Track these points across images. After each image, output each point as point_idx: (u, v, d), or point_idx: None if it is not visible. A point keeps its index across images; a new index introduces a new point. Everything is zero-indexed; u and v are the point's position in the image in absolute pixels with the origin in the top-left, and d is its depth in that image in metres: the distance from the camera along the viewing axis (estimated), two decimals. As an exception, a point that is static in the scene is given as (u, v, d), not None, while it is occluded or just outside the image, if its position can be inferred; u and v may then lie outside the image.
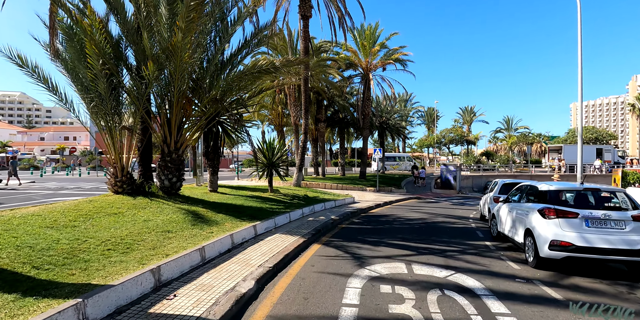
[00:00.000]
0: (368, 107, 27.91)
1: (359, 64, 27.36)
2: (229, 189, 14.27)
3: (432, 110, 60.46)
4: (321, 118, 27.81)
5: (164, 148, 10.00)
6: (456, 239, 8.96)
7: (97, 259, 4.77)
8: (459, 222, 12.32)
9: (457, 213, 15.14)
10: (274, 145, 14.27)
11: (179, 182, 10.11)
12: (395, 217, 13.03)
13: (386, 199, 18.74)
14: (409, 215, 13.42)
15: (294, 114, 23.16)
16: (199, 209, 8.91)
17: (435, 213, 14.60)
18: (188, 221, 7.61)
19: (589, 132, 50.68)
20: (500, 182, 11.05)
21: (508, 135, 56.57)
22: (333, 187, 22.55)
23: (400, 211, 14.68)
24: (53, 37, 9.38)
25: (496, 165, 42.64)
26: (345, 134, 33.71)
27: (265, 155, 14.18)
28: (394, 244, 8.07)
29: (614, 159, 42.68)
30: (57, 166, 47.10)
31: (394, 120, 36.99)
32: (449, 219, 13.05)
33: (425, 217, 13.04)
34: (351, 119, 30.88)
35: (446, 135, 47.58)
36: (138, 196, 9.43)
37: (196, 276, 4.96)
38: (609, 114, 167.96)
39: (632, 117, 57.73)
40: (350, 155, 59.62)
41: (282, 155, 14.51)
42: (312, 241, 8.16)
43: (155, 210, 8.17)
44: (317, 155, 29.69)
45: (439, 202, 20.57)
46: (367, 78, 27.15)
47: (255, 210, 10.02)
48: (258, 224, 8.28)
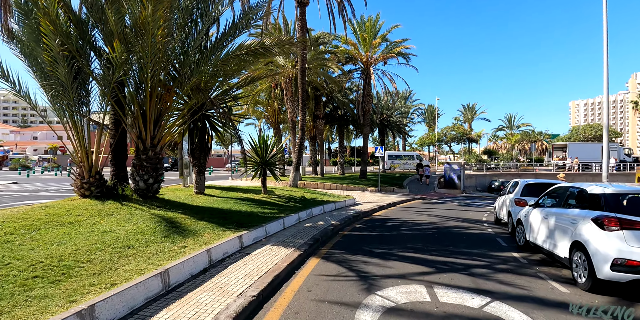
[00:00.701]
0: (369, 103, 26.61)
1: (359, 58, 26.03)
2: (219, 191, 12.96)
3: (432, 108, 59.24)
4: (319, 115, 26.51)
5: (138, 144, 8.68)
6: (477, 249, 7.69)
7: (10, 293, 3.46)
8: (473, 226, 11.06)
9: (467, 216, 13.88)
10: (268, 143, 12.97)
11: (157, 184, 8.80)
12: (402, 221, 11.75)
13: (389, 200, 17.47)
14: (417, 219, 12.14)
15: (290, 110, 21.83)
16: (176, 216, 7.60)
17: (444, 216, 13.33)
18: (159, 232, 6.30)
19: (594, 129, 49.55)
20: (522, 182, 9.79)
21: (510, 133, 55.38)
22: (332, 188, 21.27)
23: (406, 214, 13.41)
24: (7, 15, 8.06)
25: (499, 164, 41.45)
26: (345, 132, 32.42)
27: (258, 153, 12.87)
28: (407, 257, 6.78)
29: (620, 157, 41.52)
30: (47, 166, 45.69)
31: (395, 118, 35.69)
32: (461, 222, 11.79)
33: (434, 221, 11.77)
34: (351, 116, 29.60)
35: (448, 133, 46.34)
36: (108, 200, 8.12)
37: (149, 315, 3.65)
38: (609, 112, 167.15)
39: (634, 114, 56.70)
40: (350, 154, 58.37)
41: (276, 153, 13.21)
42: (310, 254, 6.87)
43: (122, 218, 6.85)
44: (315, 154, 28.39)
45: (444, 203, 19.33)
46: (368, 72, 25.83)
47: (244, 216, 8.71)
48: (245, 233, 6.97)
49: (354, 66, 26.91)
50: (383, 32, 24.40)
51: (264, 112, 26.36)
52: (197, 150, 11.45)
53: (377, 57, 25.92)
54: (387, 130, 35.80)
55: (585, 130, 50.04)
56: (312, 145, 28.92)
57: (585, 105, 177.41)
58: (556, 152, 43.99)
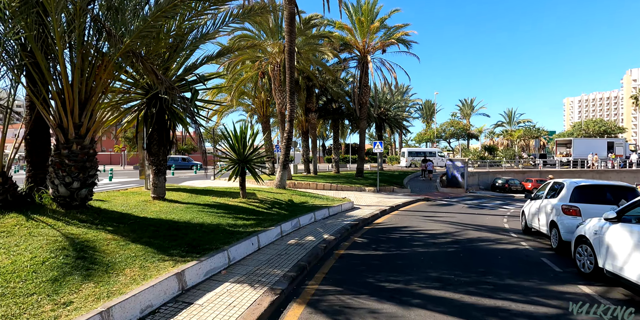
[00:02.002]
0: (366, 94, 24.32)
1: (355, 46, 23.70)
2: (187, 195, 10.61)
3: (430, 103, 57.13)
4: (312, 108, 24.18)
5: (58, 136, 6.31)
6: (528, 280, 5.48)
7: None
8: (501, 239, 8.87)
9: (485, 221, 11.72)
10: (246, 135, 10.65)
11: (85, 189, 6.43)
12: (412, 231, 9.52)
13: (391, 201, 15.26)
14: (429, 228, 9.91)
15: (279, 101, 19.50)
16: (99, 237, 5.26)
17: (459, 222, 11.15)
18: (49, 269, 3.98)
19: (597, 124, 47.74)
20: (570, 184, 7.59)
21: (510, 129, 53.45)
22: (326, 188, 19.00)
23: (413, 220, 11.19)
24: None
25: (502, 161, 39.53)
26: (340, 127, 30.13)
27: (234, 148, 10.55)
28: (434, 300, 4.54)
29: (626, 153, 39.85)
30: (24, 165, 42.90)
31: (394, 112, 33.40)
32: (483, 232, 9.60)
33: (451, 231, 9.56)
34: (346, 109, 27.29)
35: (447, 129, 44.29)
36: (11, 213, 5.77)
37: None
38: (602, 109, 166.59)
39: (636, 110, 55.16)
40: (344, 151, 56.13)
41: (258, 148, 10.89)
42: (290, 296, 4.60)
43: (10, 243, 4.52)
44: (307, 151, 26.10)
45: (451, 204, 17.18)
46: (365, 61, 23.53)
47: (203, 233, 6.39)
48: (191, 266, 4.65)
49: (350, 55, 24.62)
50: (382, 16, 22.05)
51: (251, 104, 23.97)
52: (155, 144, 9.08)
53: (375, 45, 23.61)
54: (385, 125, 33.51)
55: (588, 125, 48.25)
56: (304, 141, 26.60)
57: (580, 102, 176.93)
58: (559, 148, 42.24)
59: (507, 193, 27.96)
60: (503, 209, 16.54)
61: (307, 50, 18.40)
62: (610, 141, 40.44)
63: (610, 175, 35.86)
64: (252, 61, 19.54)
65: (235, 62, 17.80)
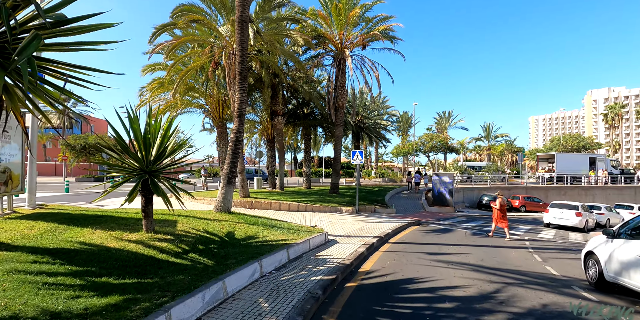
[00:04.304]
0: (342, 97, 20.76)
1: (331, 39, 20.26)
2: (49, 224, 6.26)
3: (407, 115, 54.71)
4: (278, 111, 20.26)
5: None
6: None
7: None
8: (581, 304, 5.13)
9: (515, 261, 8.08)
10: (156, 130, 6.51)
11: None
12: (428, 295, 5.61)
13: (376, 228, 11.41)
14: (451, 284, 6.04)
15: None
16: None
17: (485, 266, 7.41)
18: None
19: (576, 139, 46.79)
20: None
21: (489, 144, 51.73)
22: (292, 208, 14.91)
23: (419, 266, 7.31)
24: None
25: (485, 176, 37.01)
26: (312, 135, 26.30)
27: (133, 150, 6.38)
28: None
29: (608, 169, 38.51)
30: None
31: (373, 119, 29.95)
32: (534, 289, 5.88)
33: (489, 290, 5.76)
34: (320, 115, 23.58)
35: (426, 142, 41.62)
36: None
37: None
38: (565, 127, 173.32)
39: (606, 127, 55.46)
40: (317, 165, 52.30)
41: (173, 151, 6.74)
42: None
43: None
44: (272, 162, 21.99)
45: (450, 229, 13.57)
46: (342, 57, 20.07)
47: None
48: None
49: (325, 51, 21.11)
50: (364, 2, 18.70)
51: (204, 104, 19.76)
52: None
53: (354, 40, 20.27)
54: (364, 134, 29.98)
55: (567, 140, 47.18)
56: (269, 151, 22.51)
57: (544, 120, 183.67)
58: (541, 163, 40.46)
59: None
60: (514, 236, 13.09)
61: (271, 35, 14.59)
62: (593, 156, 39.07)
63: (595, 192, 34.07)
64: (201, 45, 15.50)
65: (174, 44, 13.68)
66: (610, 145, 64.78)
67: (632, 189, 34.76)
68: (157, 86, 17.08)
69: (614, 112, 54.73)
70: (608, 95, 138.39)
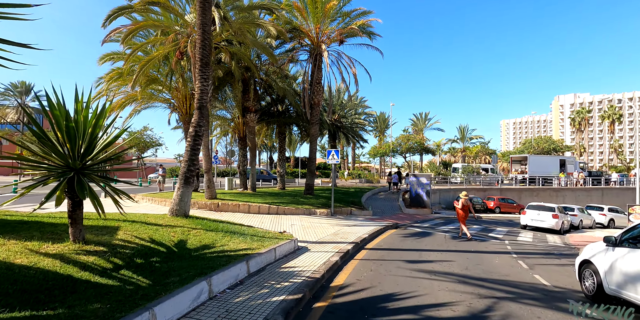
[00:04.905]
0: (318, 93, 19.87)
1: (307, 33, 19.33)
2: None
3: (384, 116, 54.55)
4: (250, 107, 19.12)
5: None
6: None
7: None
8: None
9: (501, 270, 7.39)
10: (86, 118, 5.34)
11: None
12: (410, 316, 4.76)
13: (352, 232, 10.56)
14: (435, 300, 5.22)
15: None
16: None
17: (470, 276, 6.67)
18: None
19: (546, 142, 48.08)
20: None
21: (464, 146, 52.32)
22: (263, 211, 13.84)
23: (399, 276, 6.48)
24: None
25: (461, 177, 37.08)
26: (287, 134, 25.23)
27: (48, 143, 5.19)
28: None
29: (577, 171, 39.60)
30: None
31: (350, 118, 29.18)
32: (528, 303, 5.15)
33: (479, 308, 4.98)
34: (295, 112, 22.60)
35: (402, 143, 41.41)
36: None
37: None
38: (534, 131, 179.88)
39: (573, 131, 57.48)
40: (294, 165, 51.16)
41: (108, 144, 5.58)
42: None
43: None
44: (244, 161, 20.80)
45: (429, 233, 12.93)
46: (319, 52, 19.19)
47: None
48: None
49: (300, 45, 20.15)
50: (341, -6, 17.87)
51: (170, 99, 18.34)
52: None
53: (331, 34, 19.42)
54: (340, 134, 29.14)
55: (539, 143, 48.49)
56: (241, 149, 21.30)
57: (515, 124, 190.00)
58: (514, 165, 41.10)
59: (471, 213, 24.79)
60: (495, 240, 12.60)
61: (241, 23, 13.48)
62: (563, 159, 40.07)
63: (565, 193, 34.81)
64: (165, 33, 14.20)
65: (131, 29, 12.32)
66: (576, 148, 67.24)
67: (599, 190, 35.81)
68: (116, 77, 15.56)
69: (581, 117, 56.74)
70: (574, 101, 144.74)
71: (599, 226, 21.94)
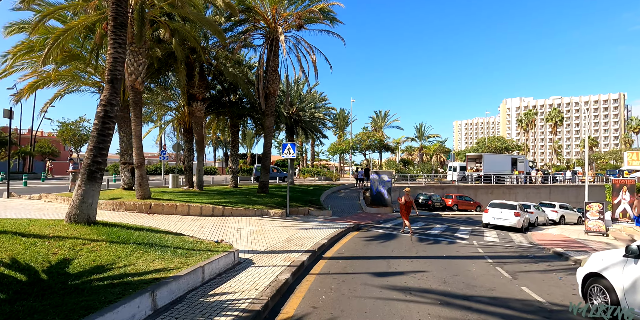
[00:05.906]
0: (274, 82, 18.10)
1: (262, 15, 17.47)
2: None
3: (344, 113, 53.71)
4: (197, 95, 16.90)
5: None
6: None
7: None
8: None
9: (484, 281, 6.23)
10: None
11: None
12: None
13: (309, 237, 9.02)
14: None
15: (132, 69, 12.01)
16: None
17: (449, 293, 5.41)
18: None
19: (499, 141, 49.91)
20: None
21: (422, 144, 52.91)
22: (206, 212, 11.87)
23: (366, 299, 5.02)
24: None
25: (419, 175, 37.04)
26: (242, 127, 23.14)
27: None
28: None
29: (526, 170, 41.23)
30: None
31: (310, 112, 27.62)
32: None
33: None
34: (249, 103, 20.62)
35: (362, 140, 40.69)
36: None
37: None
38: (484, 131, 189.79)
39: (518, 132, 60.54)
40: (251, 162, 48.76)
41: None
42: None
43: None
44: (190, 155, 18.52)
45: (394, 235, 11.74)
46: (275, 37, 17.41)
47: None
48: None
49: (255, 27, 18.23)
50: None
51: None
52: None
53: (290, 20, 17.72)
54: (299, 129, 27.49)
55: (492, 142, 50.26)
56: (187, 143, 18.97)
57: (466, 125, 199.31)
58: (470, 163, 41.93)
59: (431, 210, 24.45)
60: (462, 241, 11.66)
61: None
62: (514, 157, 41.46)
63: (517, 191, 35.90)
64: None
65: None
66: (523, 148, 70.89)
67: (547, 188, 37.36)
68: (25, 50, 12.75)
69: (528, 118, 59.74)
70: (519, 104, 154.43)
71: (551, 222, 22.26)
